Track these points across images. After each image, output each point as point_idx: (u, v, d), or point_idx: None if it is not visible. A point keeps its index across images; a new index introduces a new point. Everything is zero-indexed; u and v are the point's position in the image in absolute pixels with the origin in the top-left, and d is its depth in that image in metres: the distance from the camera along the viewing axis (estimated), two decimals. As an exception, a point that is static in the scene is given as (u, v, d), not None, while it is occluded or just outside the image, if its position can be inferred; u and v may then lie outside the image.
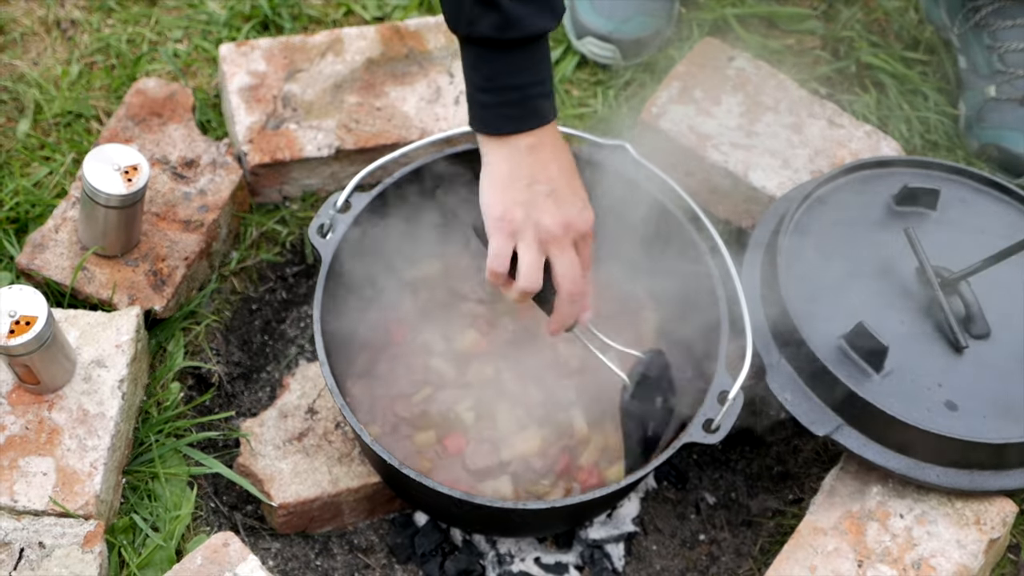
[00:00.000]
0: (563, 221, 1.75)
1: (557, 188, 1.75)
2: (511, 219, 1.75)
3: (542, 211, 1.74)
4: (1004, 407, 1.94)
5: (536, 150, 1.75)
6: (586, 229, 1.78)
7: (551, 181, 1.75)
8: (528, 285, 1.78)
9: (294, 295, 2.31)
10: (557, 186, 1.75)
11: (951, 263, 2.02)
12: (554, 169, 1.76)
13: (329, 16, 2.54)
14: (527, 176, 1.75)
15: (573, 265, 1.78)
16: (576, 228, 1.77)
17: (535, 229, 1.75)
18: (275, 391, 2.22)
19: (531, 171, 1.75)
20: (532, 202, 1.74)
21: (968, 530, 1.93)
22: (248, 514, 2.09)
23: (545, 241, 1.76)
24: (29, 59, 2.42)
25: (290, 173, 2.26)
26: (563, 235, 1.76)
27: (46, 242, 2.10)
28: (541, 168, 1.75)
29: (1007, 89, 2.36)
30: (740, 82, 2.34)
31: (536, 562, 2.07)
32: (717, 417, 1.86)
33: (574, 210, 1.77)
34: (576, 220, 1.77)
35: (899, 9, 2.61)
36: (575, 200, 1.77)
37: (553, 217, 1.75)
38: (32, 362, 1.86)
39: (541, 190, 1.74)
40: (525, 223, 1.75)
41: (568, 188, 1.77)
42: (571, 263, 1.78)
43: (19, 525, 1.84)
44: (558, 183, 1.76)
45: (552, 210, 1.75)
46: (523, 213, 1.74)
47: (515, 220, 1.75)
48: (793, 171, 2.24)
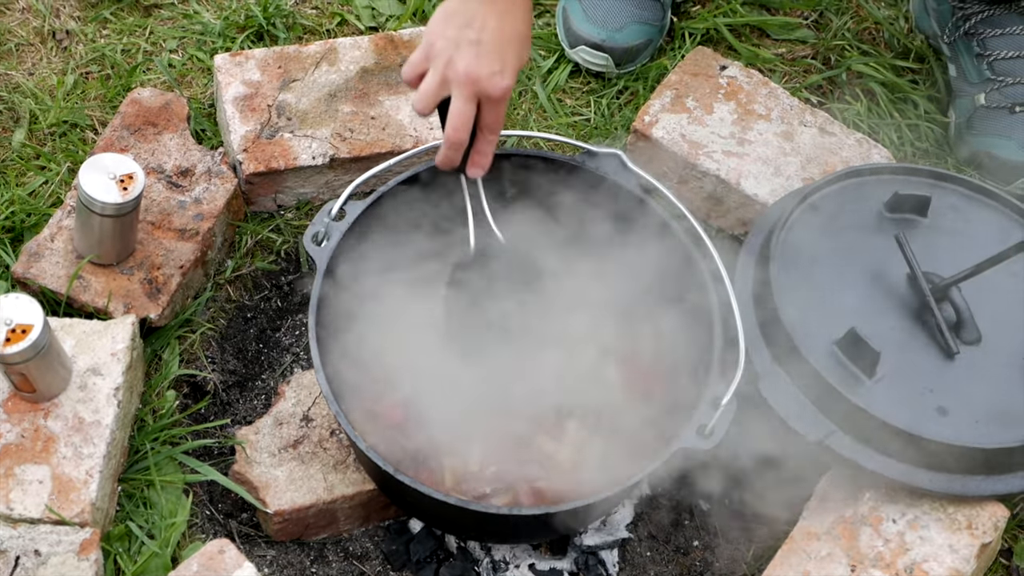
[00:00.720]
0: (471, 72, 1.80)
1: (484, 41, 1.80)
2: (432, 44, 1.83)
3: (459, 53, 1.80)
4: (995, 412, 1.95)
5: (489, 2, 1.81)
6: (493, 92, 1.82)
7: (482, 32, 1.80)
8: (419, 105, 1.85)
9: (289, 303, 2.32)
10: (485, 39, 1.81)
11: (942, 269, 2.03)
12: (493, 24, 1.81)
13: (323, 26, 2.55)
14: (466, 18, 1.81)
15: (460, 114, 1.83)
16: (481, 85, 1.81)
17: (445, 64, 1.81)
18: (270, 399, 2.22)
19: (471, 15, 1.81)
20: (456, 41, 1.81)
21: (960, 535, 1.94)
22: (243, 521, 2.09)
23: (448, 79, 1.82)
24: (24, 69, 2.43)
25: (285, 182, 2.27)
26: (465, 84, 1.81)
27: (42, 251, 2.11)
28: (482, 17, 1.81)
29: (997, 97, 2.37)
30: (732, 90, 2.36)
31: (531, 568, 2.08)
32: (711, 422, 1.87)
33: (487, 68, 1.80)
34: (484, 78, 1.81)
35: (889, 18, 2.63)
36: (494, 61, 1.81)
37: (465, 64, 1.80)
38: (28, 370, 1.87)
39: (469, 35, 1.80)
40: (440, 54, 1.81)
41: (495, 48, 1.81)
42: (459, 112, 1.83)
43: (15, 533, 1.84)
44: (488, 38, 1.81)
45: (467, 57, 1.80)
46: (443, 45, 1.81)
47: (434, 47, 1.82)
48: (785, 179, 2.25)
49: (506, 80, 1.82)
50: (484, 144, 1.89)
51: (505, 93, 1.83)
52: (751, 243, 2.12)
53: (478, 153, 1.89)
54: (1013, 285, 2.07)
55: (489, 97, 1.83)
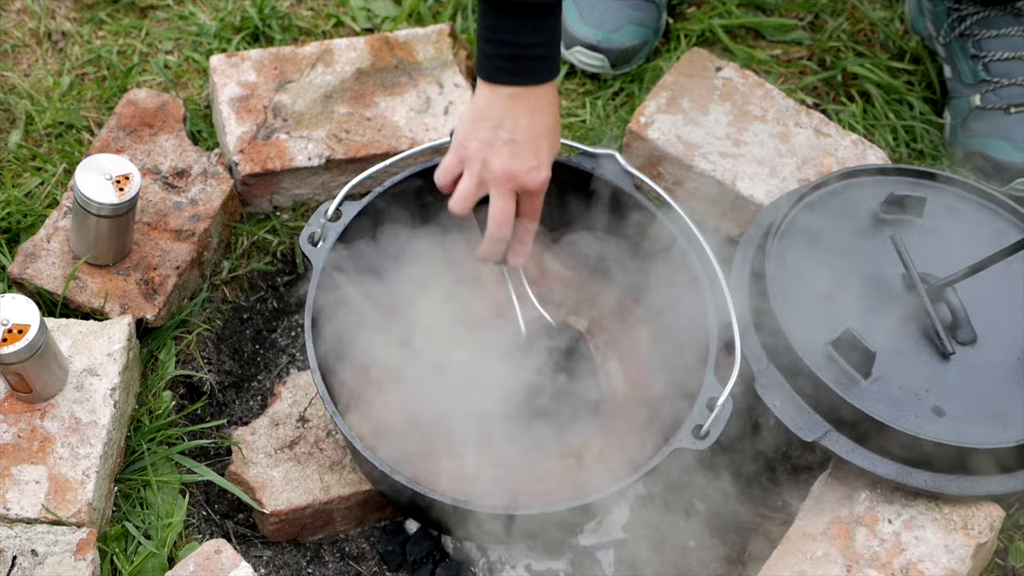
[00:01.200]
0: (509, 170, 1.83)
1: (518, 140, 1.83)
2: (466, 147, 1.86)
3: (494, 153, 1.83)
4: (991, 412, 1.95)
5: (516, 100, 1.83)
6: (532, 186, 1.85)
7: (515, 131, 1.83)
8: (456, 208, 1.89)
9: (285, 304, 2.32)
10: (519, 138, 1.83)
11: (937, 270, 2.04)
12: (524, 122, 1.83)
13: (319, 28, 2.55)
14: (496, 119, 1.83)
15: (502, 211, 1.86)
16: (519, 181, 1.84)
17: (481, 166, 1.84)
18: (266, 400, 2.22)
19: (501, 116, 1.83)
20: (490, 142, 1.83)
21: (956, 535, 1.94)
22: (240, 522, 2.10)
23: (486, 180, 1.85)
24: (20, 71, 2.43)
25: (280, 183, 2.28)
26: (504, 182, 1.84)
27: (38, 251, 2.11)
28: (512, 117, 1.83)
29: (992, 98, 2.38)
30: (727, 92, 2.36)
31: (527, 569, 2.08)
32: (706, 424, 1.88)
33: (524, 165, 1.84)
34: (522, 174, 1.84)
35: (885, 20, 2.63)
36: (530, 157, 1.84)
37: (502, 163, 1.83)
38: (24, 370, 1.87)
39: (502, 135, 1.83)
40: (475, 156, 1.84)
41: (529, 144, 1.84)
42: (501, 209, 1.86)
43: (11, 533, 1.84)
44: (521, 136, 1.83)
45: (503, 157, 1.83)
46: (477, 148, 1.84)
47: (468, 149, 1.85)
48: (780, 179, 2.26)
49: (543, 173, 1.86)
50: (524, 234, 1.93)
51: (543, 186, 1.87)
52: (746, 244, 2.12)
53: (519, 243, 1.94)
54: (1009, 286, 2.07)
55: (528, 191, 1.86)
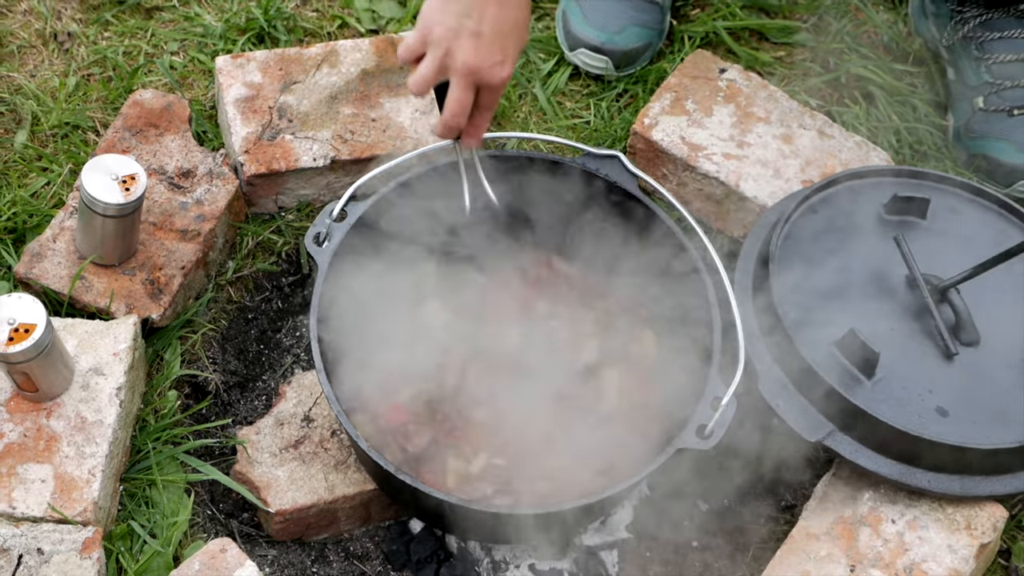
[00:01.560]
0: (472, 64, 1.81)
1: (484, 33, 1.81)
2: (430, 31, 1.83)
3: (459, 44, 1.81)
4: (994, 413, 1.96)
5: None
6: (493, 82, 1.84)
7: (482, 22, 1.81)
8: (414, 87, 1.88)
9: (290, 304, 2.33)
10: (485, 31, 1.81)
11: (941, 271, 2.04)
12: (492, 12, 1.81)
13: (324, 29, 2.56)
14: (464, 6, 1.81)
15: (459, 102, 1.85)
16: (481, 75, 1.83)
17: (444, 53, 1.82)
18: (271, 400, 2.23)
19: (469, 4, 1.80)
20: (455, 30, 1.81)
21: (959, 535, 1.94)
22: (244, 521, 2.10)
23: (447, 67, 1.83)
24: (26, 71, 2.44)
25: (286, 183, 2.28)
26: (465, 74, 1.82)
27: (44, 251, 2.12)
28: (480, 5, 1.80)
29: (995, 100, 2.38)
30: (731, 93, 2.37)
31: (531, 569, 2.08)
32: (710, 423, 1.88)
33: (488, 60, 1.82)
34: (485, 70, 1.82)
35: (888, 22, 2.64)
36: (495, 51, 1.82)
37: (465, 54, 1.81)
38: (31, 370, 1.88)
39: (468, 25, 1.80)
40: (439, 42, 1.82)
41: (495, 38, 1.81)
42: (458, 100, 1.85)
43: (18, 531, 1.85)
44: (487, 28, 1.81)
45: (467, 48, 1.81)
46: (441, 33, 1.82)
47: (432, 34, 1.83)
48: (784, 181, 2.26)
49: (506, 70, 1.84)
50: (480, 120, 1.92)
51: (504, 80, 1.86)
52: (750, 245, 2.13)
53: (474, 126, 1.93)
54: (1012, 287, 2.08)
55: (489, 85, 1.85)
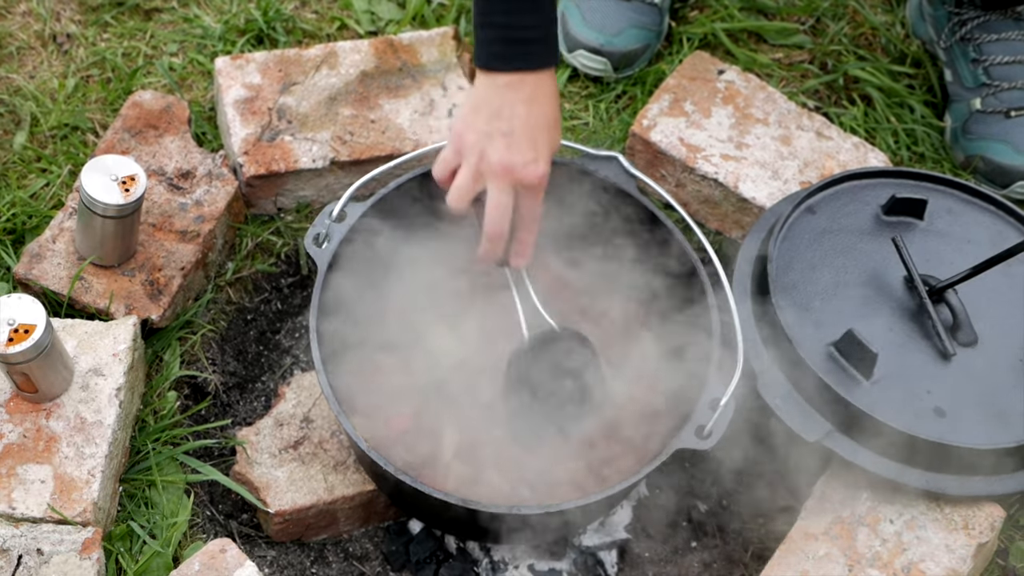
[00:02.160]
0: (506, 163, 1.78)
1: (515, 131, 1.78)
2: (463, 139, 1.81)
3: (491, 145, 1.79)
4: (992, 413, 1.96)
5: (512, 89, 1.79)
6: (529, 180, 1.80)
7: (512, 122, 1.78)
8: (453, 202, 1.83)
9: (289, 306, 2.33)
10: (516, 129, 1.78)
11: (938, 272, 2.05)
12: (521, 112, 1.79)
13: (323, 30, 2.56)
14: (494, 110, 1.79)
15: (499, 206, 1.81)
16: (516, 175, 1.79)
17: (479, 158, 1.80)
18: (270, 401, 2.23)
19: (499, 106, 1.79)
20: (487, 134, 1.79)
21: (957, 535, 1.95)
22: (244, 522, 2.10)
23: (483, 173, 1.80)
24: (25, 72, 2.44)
25: (285, 184, 2.29)
26: (501, 175, 1.79)
27: (43, 252, 2.12)
28: (509, 107, 1.79)
29: (992, 101, 2.39)
30: (730, 95, 2.37)
31: (530, 569, 2.09)
32: (709, 424, 1.89)
33: (521, 158, 1.79)
34: (519, 168, 1.79)
35: (886, 24, 2.64)
36: (527, 149, 1.79)
37: (499, 155, 1.78)
38: (30, 370, 1.88)
39: (499, 127, 1.78)
40: (472, 148, 1.80)
41: (526, 136, 1.79)
42: (497, 204, 1.81)
43: (17, 532, 1.85)
44: (519, 127, 1.79)
45: (500, 149, 1.78)
46: (474, 140, 1.80)
47: (465, 141, 1.81)
48: (783, 182, 2.27)
49: (541, 167, 1.80)
50: (525, 233, 1.87)
51: (541, 180, 1.81)
52: (749, 246, 2.13)
53: (520, 243, 1.88)
54: (1009, 287, 2.09)
55: (526, 186, 1.81)
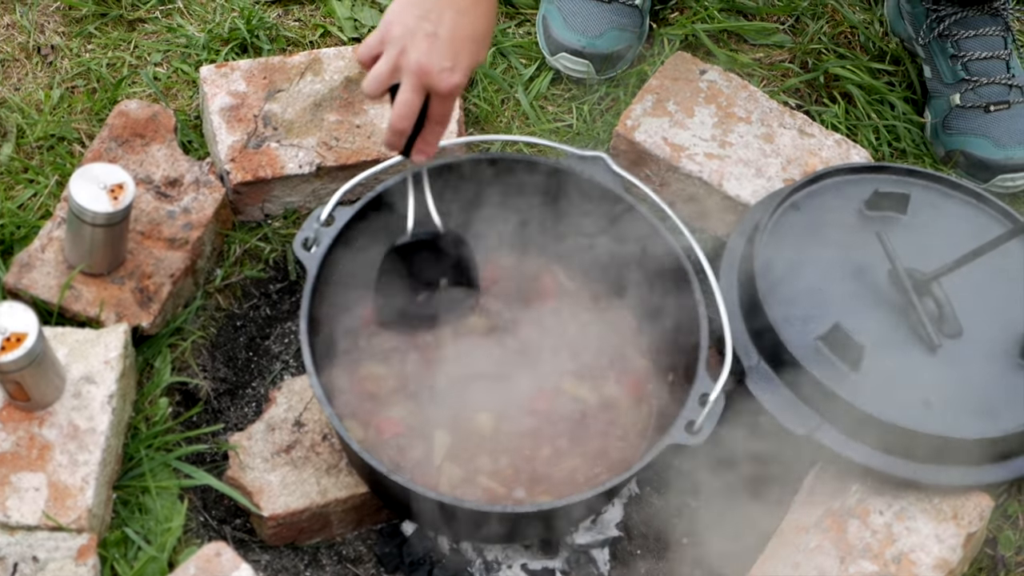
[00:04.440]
0: (422, 65, 1.80)
1: (440, 35, 1.80)
2: (390, 29, 1.83)
3: (413, 44, 1.81)
4: (978, 403, 1.99)
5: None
6: (442, 87, 1.82)
7: (439, 25, 1.80)
8: (367, 87, 1.86)
9: (278, 311, 2.34)
10: (441, 34, 1.80)
11: (922, 265, 2.07)
12: (450, 18, 1.81)
13: (306, 38, 2.58)
14: (426, 8, 1.81)
15: (406, 104, 1.84)
16: (430, 79, 1.81)
17: (399, 52, 1.82)
18: (261, 406, 2.24)
19: (430, 7, 1.81)
20: (412, 31, 1.81)
21: (946, 525, 1.97)
22: (237, 527, 2.11)
23: (400, 67, 1.82)
24: (10, 84, 2.45)
25: (272, 191, 2.29)
26: (415, 75, 1.81)
27: (33, 261, 2.12)
28: (440, 10, 1.81)
29: (971, 97, 2.42)
30: (712, 94, 2.39)
31: (523, 568, 2.09)
32: (699, 419, 1.90)
33: (439, 63, 1.80)
34: (435, 72, 1.81)
35: (864, 22, 2.67)
36: (447, 56, 1.81)
37: (417, 55, 1.80)
38: (23, 378, 1.88)
39: (426, 27, 1.80)
40: (396, 41, 1.82)
41: (449, 43, 1.81)
42: (405, 102, 1.84)
43: (12, 540, 1.85)
44: (444, 32, 1.80)
45: (421, 49, 1.80)
46: (399, 32, 1.82)
47: (391, 33, 1.83)
48: (766, 179, 2.29)
49: (456, 77, 1.82)
50: (430, 134, 1.91)
51: (453, 90, 1.83)
52: (735, 242, 2.15)
53: (423, 142, 1.91)
54: (992, 279, 2.10)
55: (437, 92, 1.84)
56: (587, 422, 2.09)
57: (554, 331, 2.16)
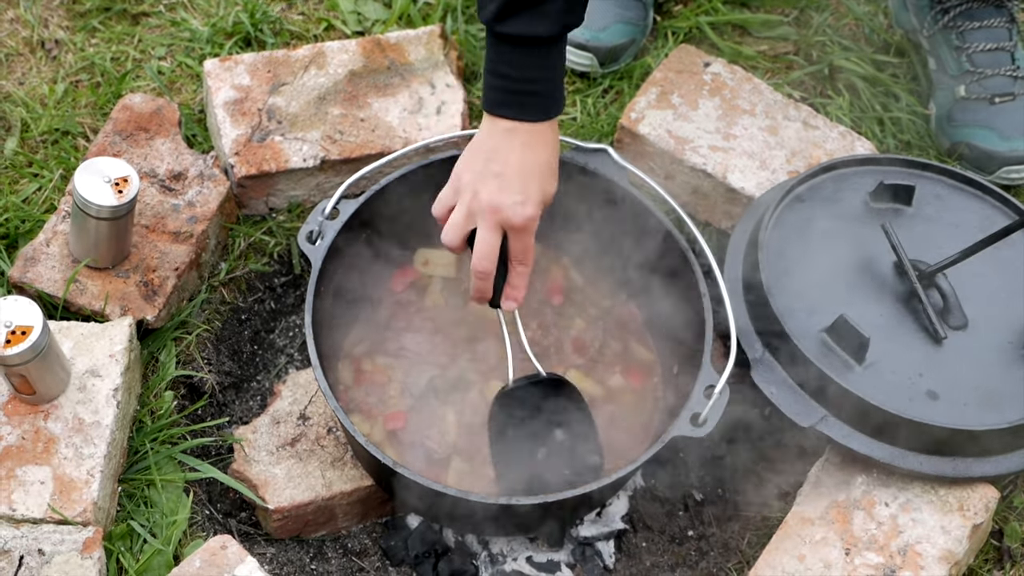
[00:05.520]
0: (494, 203, 1.83)
1: (507, 175, 1.84)
2: (460, 179, 1.87)
3: (483, 186, 1.84)
4: (984, 395, 1.98)
5: (511, 135, 1.84)
6: (515, 221, 1.85)
7: (506, 166, 1.84)
8: (447, 239, 1.89)
9: (282, 305, 2.34)
10: (508, 173, 1.84)
11: (928, 256, 2.07)
12: (515, 157, 1.84)
13: (310, 31, 2.57)
14: (490, 151, 1.85)
15: (485, 243, 1.86)
16: (503, 215, 1.84)
17: (471, 197, 1.85)
18: (265, 400, 2.24)
19: (495, 148, 1.85)
20: (481, 175, 1.85)
21: (952, 516, 1.96)
22: (243, 520, 2.11)
23: (474, 212, 1.86)
24: (15, 79, 2.45)
25: (276, 184, 2.29)
26: (488, 213, 1.84)
27: (38, 255, 2.13)
28: (505, 152, 1.84)
29: (976, 88, 2.41)
30: (716, 87, 2.39)
31: (528, 561, 2.10)
32: (704, 411, 1.90)
33: (510, 199, 1.84)
34: (507, 208, 1.84)
35: (869, 14, 2.66)
36: (516, 192, 1.84)
37: (489, 195, 1.84)
38: (28, 372, 1.88)
39: (493, 168, 1.84)
40: (467, 187, 1.86)
41: (518, 180, 1.84)
42: (484, 241, 1.86)
43: (18, 533, 1.86)
44: (511, 171, 1.84)
45: (491, 189, 1.84)
46: (469, 179, 1.86)
47: (462, 181, 1.87)
48: (771, 172, 2.28)
49: (528, 209, 1.85)
50: (516, 278, 1.91)
51: (527, 222, 1.85)
52: (739, 235, 2.15)
53: (511, 287, 1.92)
54: (998, 271, 2.10)
55: (513, 226, 1.85)
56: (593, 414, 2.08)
57: (561, 324, 2.16)
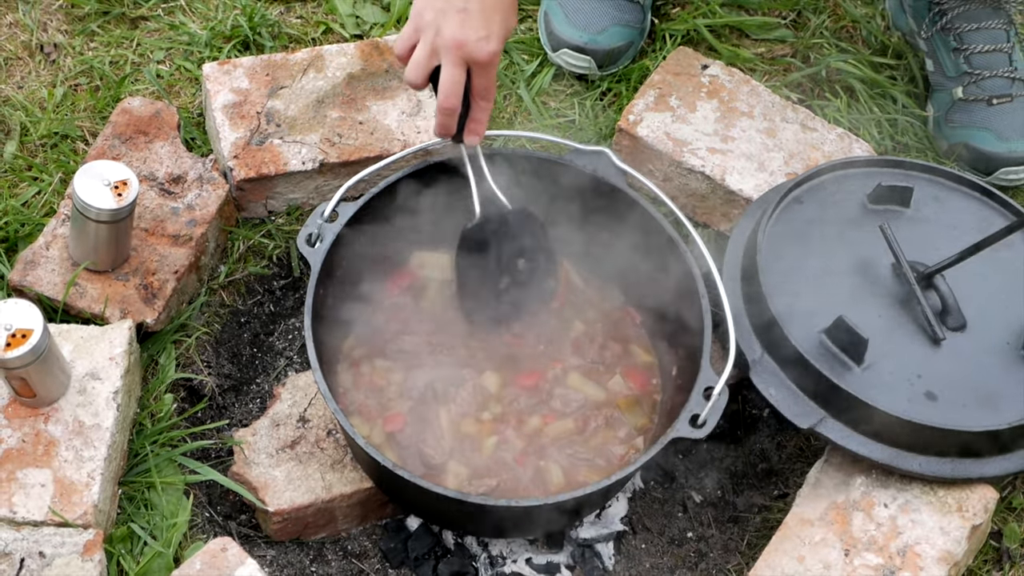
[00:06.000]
0: (459, 38, 1.84)
1: (470, 9, 1.84)
2: (422, 16, 1.87)
3: (446, 21, 1.85)
4: (982, 396, 1.99)
5: None
6: (480, 56, 1.86)
7: (469, 1, 1.84)
8: (410, 76, 1.90)
9: (281, 308, 2.34)
10: (471, 7, 1.84)
11: (926, 258, 2.07)
12: None
13: (308, 35, 2.58)
14: None
15: (451, 79, 1.87)
16: (468, 50, 1.85)
17: (434, 34, 1.85)
18: (265, 402, 2.24)
19: None
20: (443, 11, 1.85)
21: (951, 517, 1.97)
22: (243, 523, 2.11)
23: (438, 48, 1.86)
24: (14, 83, 2.45)
25: (275, 187, 2.30)
26: (453, 49, 1.85)
27: (37, 259, 2.13)
28: None
29: (974, 90, 2.42)
30: (714, 89, 2.39)
31: (528, 563, 2.10)
32: (703, 413, 1.90)
33: (474, 34, 1.84)
34: (471, 43, 1.85)
35: (866, 16, 2.67)
36: (481, 26, 1.85)
37: (452, 31, 1.84)
38: (28, 375, 1.89)
39: (455, 4, 1.84)
40: (429, 25, 1.86)
41: (480, 14, 1.85)
42: (450, 77, 1.87)
43: (19, 535, 1.86)
44: (474, 5, 1.84)
45: (454, 24, 1.84)
46: (431, 16, 1.86)
47: (424, 18, 1.87)
48: (769, 174, 2.29)
49: (492, 45, 1.86)
50: (478, 111, 1.94)
51: (492, 57, 1.87)
52: (737, 237, 2.15)
53: (473, 121, 1.94)
54: (996, 272, 2.11)
55: (477, 62, 1.87)
56: (593, 416, 2.09)
57: (560, 326, 2.16)
